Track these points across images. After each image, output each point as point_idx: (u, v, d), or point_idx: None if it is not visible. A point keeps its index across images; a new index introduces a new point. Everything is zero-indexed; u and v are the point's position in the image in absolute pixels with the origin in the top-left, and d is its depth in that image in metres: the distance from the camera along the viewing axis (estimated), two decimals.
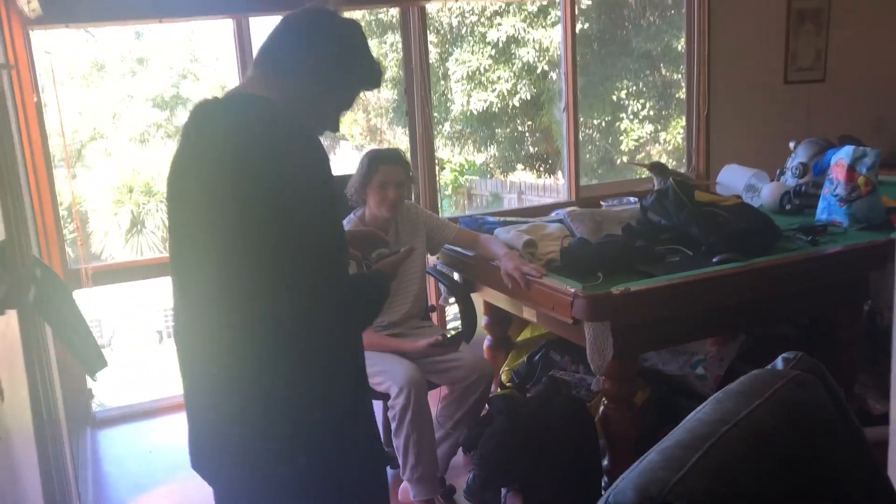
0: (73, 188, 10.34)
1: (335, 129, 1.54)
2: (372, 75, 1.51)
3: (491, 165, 12.24)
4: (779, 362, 1.26)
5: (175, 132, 12.38)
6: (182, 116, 12.52)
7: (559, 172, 12.23)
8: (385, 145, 12.95)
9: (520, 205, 11.64)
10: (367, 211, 2.64)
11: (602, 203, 3.75)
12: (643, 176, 4.79)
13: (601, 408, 2.45)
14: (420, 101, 3.77)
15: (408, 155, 3.91)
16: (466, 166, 12.19)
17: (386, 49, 10.48)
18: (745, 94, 4.66)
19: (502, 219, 3.00)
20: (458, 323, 2.98)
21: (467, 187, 12.52)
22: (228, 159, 1.33)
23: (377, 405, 2.50)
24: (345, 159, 13.29)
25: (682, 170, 4.66)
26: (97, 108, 13.32)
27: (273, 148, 1.32)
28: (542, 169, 12.22)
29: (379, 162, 2.57)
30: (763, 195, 3.31)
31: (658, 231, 2.84)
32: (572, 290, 2.23)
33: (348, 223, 2.64)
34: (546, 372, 2.93)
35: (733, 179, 3.50)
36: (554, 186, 11.06)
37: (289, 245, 1.31)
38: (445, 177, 11.87)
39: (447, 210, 11.43)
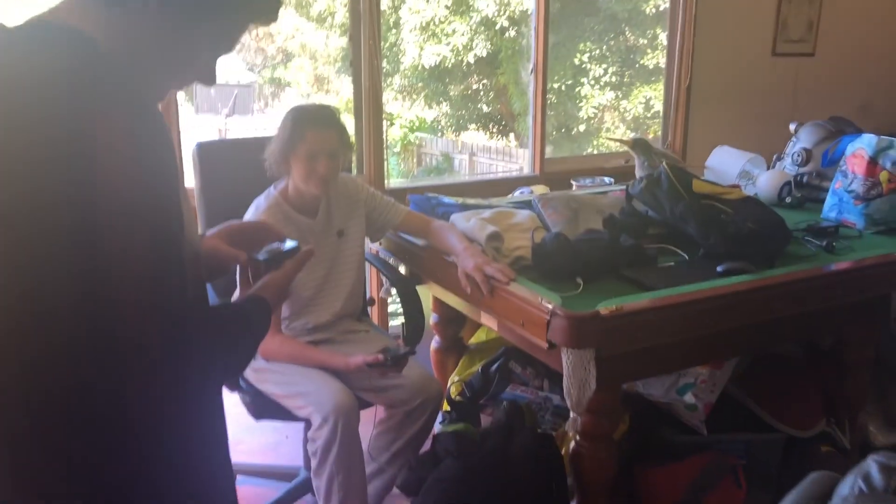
0: None
1: (210, 80, 1.02)
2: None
3: (442, 123, 11.67)
4: (873, 471, 0.83)
5: None
6: None
7: (511, 135, 11.75)
8: (333, 97, 12.24)
9: (471, 167, 11.12)
10: (291, 184, 2.10)
11: (573, 183, 3.28)
12: (612, 150, 4.34)
13: (572, 443, 1.99)
14: (368, 51, 3.22)
15: (352, 108, 3.37)
16: (417, 122, 11.59)
17: None
18: (729, 65, 4.21)
19: (461, 200, 2.49)
20: (401, 320, 2.47)
21: (417, 145, 11.94)
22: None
23: (296, 427, 2.00)
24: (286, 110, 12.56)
25: (659, 146, 4.21)
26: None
27: (74, 117, 0.82)
28: (494, 130, 11.71)
29: (306, 125, 2.01)
30: (759, 184, 2.87)
31: (646, 224, 2.37)
32: (549, 306, 1.74)
33: (266, 199, 2.09)
34: (504, 385, 2.46)
35: (726, 164, 3.05)
36: (507, 150, 10.57)
37: (90, 274, 0.83)
38: (395, 133, 11.26)
39: (394, 169, 10.85)
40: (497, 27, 9.06)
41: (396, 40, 9.68)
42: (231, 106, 11.21)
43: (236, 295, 1.29)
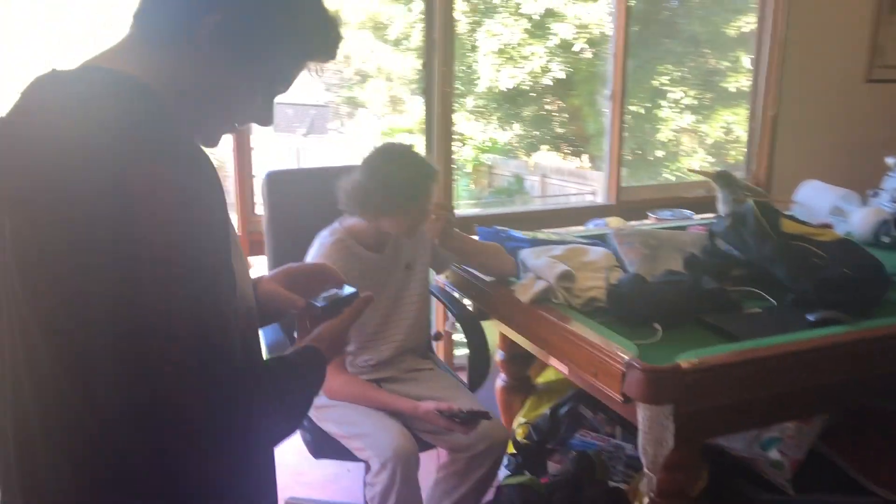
0: None
1: (267, 120, 0.97)
2: (321, 37, 0.95)
3: (514, 144, 11.58)
4: None
5: None
6: None
7: (585, 156, 11.57)
8: (406, 117, 12.31)
9: (543, 189, 10.98)
10: (367, 225, 2.03)
11: (650, 215, 3.14)
12: (692, 178, 4.17)
13: (645, 500, 1.86)
14: (440, 76, 3.16)
15: (423, 129, 3.32)
16: (489, 143, 11.53)
17: (413, 17, 9.81)
18: (818, 91, 3.98)
19: (531, 235, 2.39)
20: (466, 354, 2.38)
21: (488, 166, 11.87)
22: (42, 178, 0.78)
23: (356, 468, 1.93)
24: (361, 132, 12.69)
25: (741, 176, 4.02)
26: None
27: (116, 167, 0.76)
28: (567, 151, 11.55)
29: (424, 190, 1.94)
30: (853, 222, 2.68)
31: (730, 265, 2.23)
32: (625, 357, 1.62)
33: (331, 234, 2.03)
34: (573, 430, 2.34)
35: (815, 200, 2.87)
36: (580, 172, 10.39)
37: (130, 335, 0.78)
38: (466, 154, 11.22)
39: (464, 190, 10.80)
40: (574, 48, 8.94)
41: (471, 64, 9.67)
42: (308, 126, 11.39)
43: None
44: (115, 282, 0.77)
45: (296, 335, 1.20)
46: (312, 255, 2.00)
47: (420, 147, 3.49)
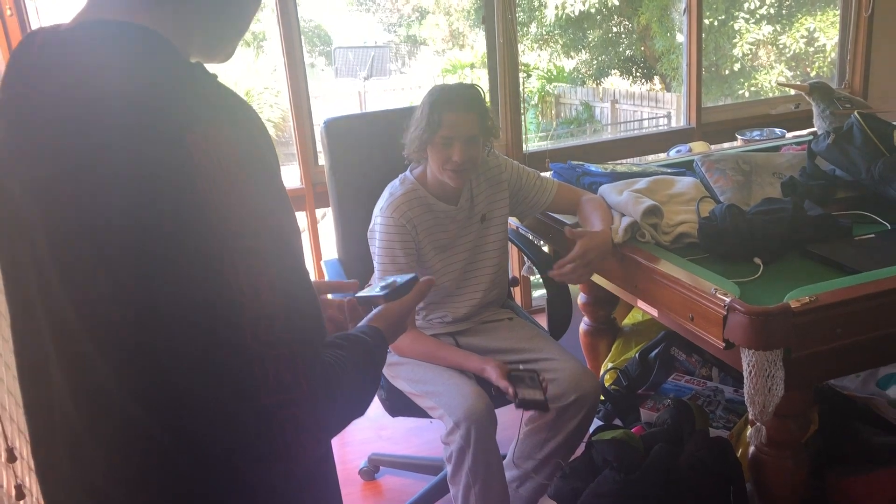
0: None
1: (229, 57, 0.87)
2: None
3: (582, 71, 11.15)
4: None
5: None
6: None
7: (656, 79, 11.06)
8: (467, 52, 11.98)
9: (614, 115, 10.58)
10: (429, 169, 1.90)
11: (738, 137, 2.90)
12: (774, 94, 3.87)
13: (751, 448, 1.71)
14: (501, 3, 2.96)
15: (486, 64, 3.15)
16: (555, 72, 11.13)
17: None
18: None
19: (609, 168, 2.21)
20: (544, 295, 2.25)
21: (555, 96, 11.49)
22: (87, 154, 0.69)
23: (438, 421, 1.85)
24: (423, 69, 12.43)
25: (833, 85, 3.69)
26: None
27: (179, 138, 0.68)
28: (637, 74, 11.07)
29: (444, 108, 1.78)
30: None
31: (834, 187, 2.01)
32: (726, 299, 1.46)
33: (402, 185, 1.91)
34: (665, 374, 2.20)
35: None
36: (652, 95, 9.95)
37: (214, 309, 0.69)
38: (531, 84, 10.87)
39: (531, 123, 10.50)
40: None
41: None
42: (368, 68, 11.23)
43: None
44: (189, 264, 0.68)
45: None
46: (382, 207, 1.88)
47: (483, 81, 3.31)
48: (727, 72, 8.62)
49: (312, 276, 0.98)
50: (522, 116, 3.17)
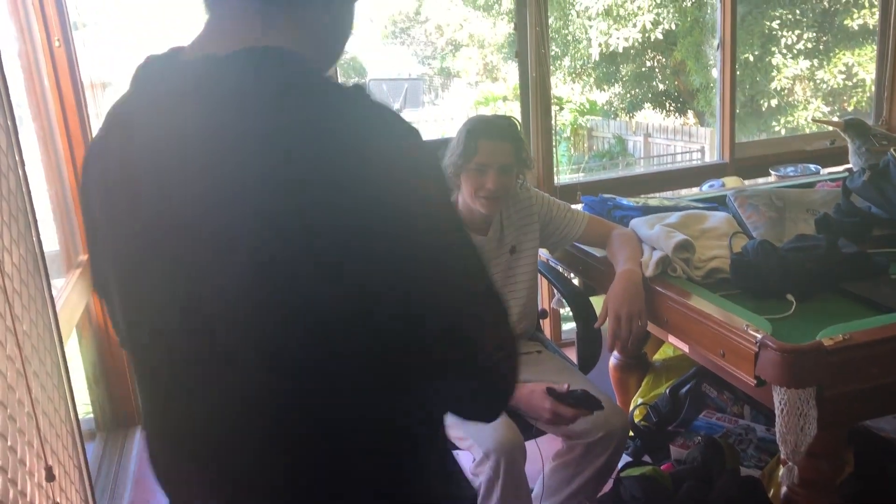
0: None
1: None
2: None
3: (615, 104, 11.17)
4: None
5: None
6: None
7: (690, 113, 11.04)
8: (500, 84, 12.08)
9: (646, 149, 10.56)
10: (461, 199, 1.92)
11: (772, 172, 2.89)
12: (811, 130, 3.84)
13: (783, 488, 1.68)
14: (534, 38, 2.99)
15: (518, 96, 3.17)
16: (588, 105, 11.16)
17: None
18: None
19: (641, 201, 2.21)
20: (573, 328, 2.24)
21: (588, 128, 11.51)
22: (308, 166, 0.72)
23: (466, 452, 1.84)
24: (456, 101, 12.54)
25: (870, 122, 3.66)
26: None
27: (392, 159, 0.76)
28: (671, 108, 11.06)
29: (480, 136, 1.82)
30: None
31: (870, 224, 1.99)
32: (758, 335, 1.45)
33: None
34: (696, 411, 2.17)
35: None
36: (685, 129, 9.93)
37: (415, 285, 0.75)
38: (564, 117, 10.91)
39: (563, 155, 10.51)
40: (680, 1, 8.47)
41: (569, 26, 9.36)
42: (402, 100, 11.36)
43: None
44: (426, 255, 0.75)
45: None
46: None
47: (516, 113, 3.34)
48: (764, 107, 8.58)
49: None
50: (554, 149, 3.19)
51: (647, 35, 8.80)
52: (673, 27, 8.67)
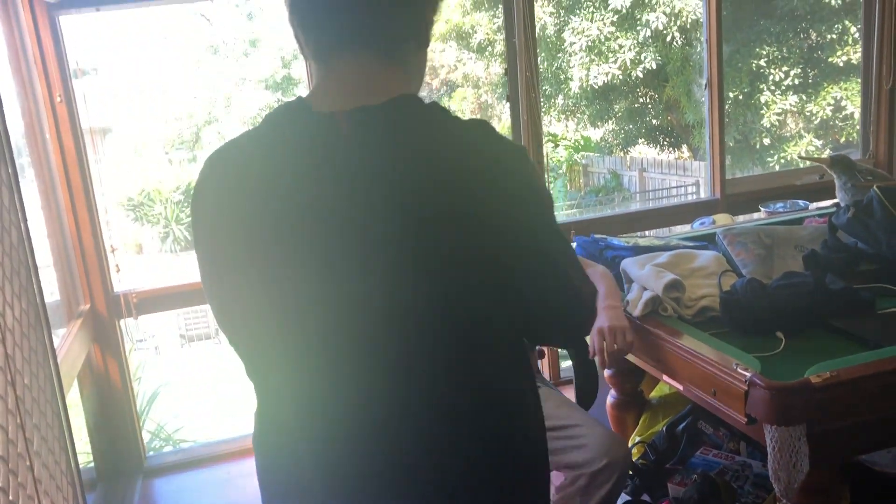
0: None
1: None
2: None
3: (609, 140, 11.29)
4: None
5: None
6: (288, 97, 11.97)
7: (684, 147, 11.14)
8: (496, 123, 12.21)
9: (642, 183, 10.64)
10: None
11: (762, 209, 2.93)
12: (800, 165, 3.90)
13: None
14: (524, 83, 3.06)
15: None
16: (582, 142, 11.27)
17: (497, 24, 9.73)
18: None
19: (632, 241, 2.25)
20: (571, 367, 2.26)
21: (584, 164, 11.61)
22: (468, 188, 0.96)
23: None
24: None
25: (857, 157, 3.72)
26: (212, 91, 13.18)
27: (528, 176, 1.02)
28: (665, 143, 11.17)
29: None
30: None
31: (856, 260, 2.02)
32: (747, 374, 1.48)
33: None
34: (693, 448, 2.18)
35: None
36: (679, 164, 10.02)
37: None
38: (559, 154, 11.02)
39: (560, 192, 10.59)
40: (667, 39, 8.61)
41: (560, 64, 9.49)
42: None
43: None
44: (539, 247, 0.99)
45: None
46: None
47: None
48: (757, 146, 8.67)
49: None
50: (551, 185, 3.24)
51: (627, 73, 8.96)
52: (653, 66, 8.82)
